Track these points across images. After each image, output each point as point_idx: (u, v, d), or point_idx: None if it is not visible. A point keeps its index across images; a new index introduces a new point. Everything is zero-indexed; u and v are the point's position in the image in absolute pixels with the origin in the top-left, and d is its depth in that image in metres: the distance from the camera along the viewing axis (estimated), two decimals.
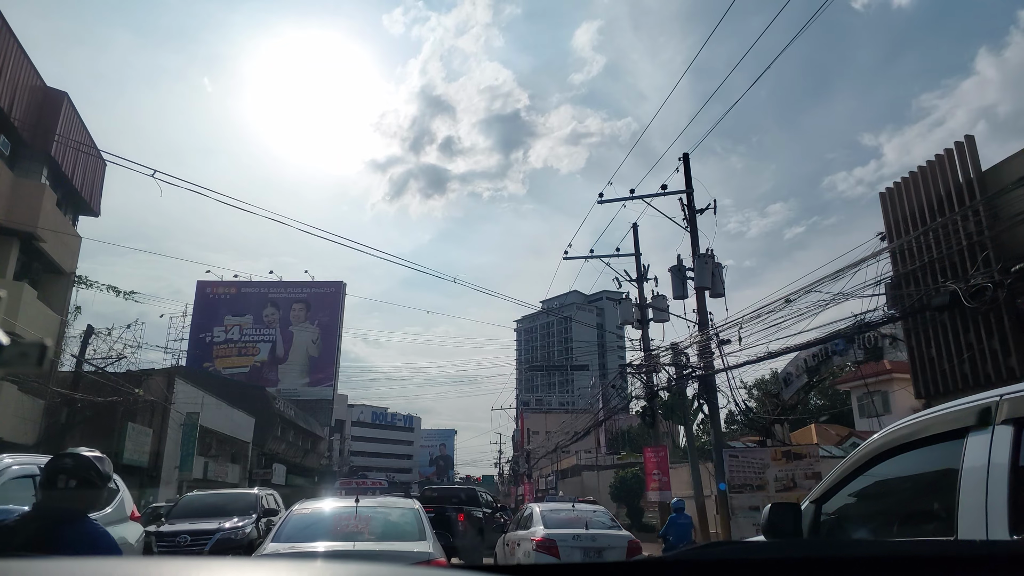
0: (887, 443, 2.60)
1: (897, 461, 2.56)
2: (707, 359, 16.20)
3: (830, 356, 13.65)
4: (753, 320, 13.52)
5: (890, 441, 2.59)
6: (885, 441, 2.62)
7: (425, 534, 6.60)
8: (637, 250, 22.32)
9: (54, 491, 2.69)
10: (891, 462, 2.59)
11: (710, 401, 16.40)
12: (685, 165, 18.70)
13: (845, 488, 2.87)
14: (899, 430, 2.59)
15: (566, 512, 11.65)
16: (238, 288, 63.10)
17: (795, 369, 15.10)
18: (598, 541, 10.16)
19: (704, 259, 17.16)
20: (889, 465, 2.61)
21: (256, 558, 4.08)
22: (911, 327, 10.39)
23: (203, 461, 30.07)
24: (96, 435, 22.22)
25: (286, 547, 6.00)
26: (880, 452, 2.62)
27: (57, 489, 2.68)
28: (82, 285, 21.08)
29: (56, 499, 2.71)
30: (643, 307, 21.73)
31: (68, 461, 2.75)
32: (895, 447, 2.55)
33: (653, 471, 20.45)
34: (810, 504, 2.94)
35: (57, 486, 2.68)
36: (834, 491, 2.90)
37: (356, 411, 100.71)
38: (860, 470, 2.77)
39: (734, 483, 15.98)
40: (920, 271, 9.94)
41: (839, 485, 2.86)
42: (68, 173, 19.76)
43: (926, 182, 10.73)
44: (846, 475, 2.83)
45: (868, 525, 2.96)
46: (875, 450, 2.65)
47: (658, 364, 19.57)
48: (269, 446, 41.60)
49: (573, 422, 40.49)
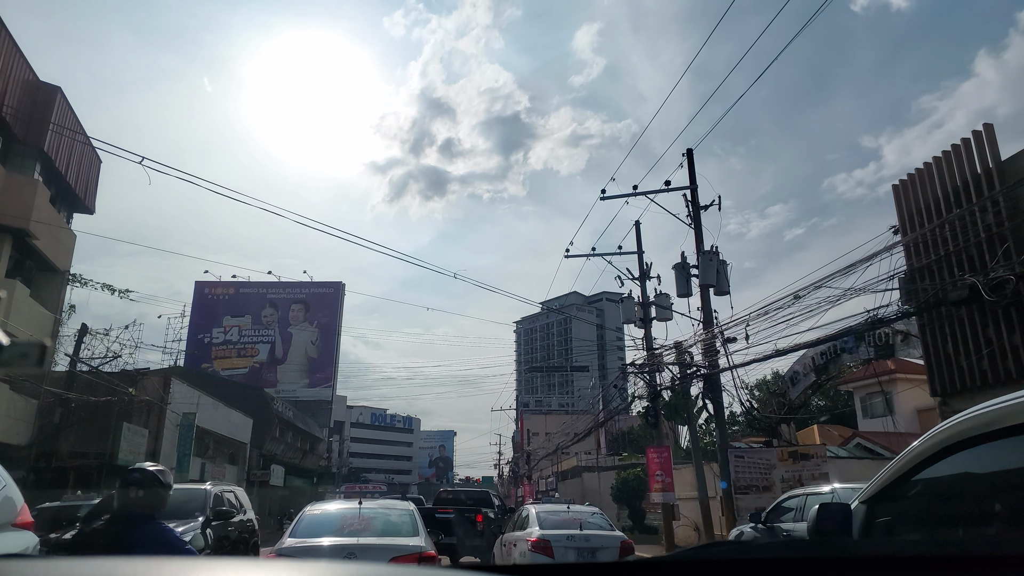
0: (955, 435, 2.25)
1: (969, 455, 2.22)
2: (712, 357, 15.89)
3: (839, 354, 13.34)
4: (760, 317, 13.22)
5: (960, 432, 2.24)
6: (953, 433, 2.26)
7: (419, 531, 7.55)
8: (639, 248, 22.01)
9: (127, 499, 3.42)
10: (961, 456, 2.25)
11: (715, 400, 16.10)
12: (689, 161, 18.40)
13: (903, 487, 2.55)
14: (971, 419, 2.22)
15: (562, 513, 11.85)
16: (236, 289, 62.75)
17: (802, 368, 14.79)
18: (591, 541, 10.39)
19: (709, 256, 16.86)
20: (958, 460, 2.28)
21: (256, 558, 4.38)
22: (926, 323, 10.06)
23: (200, 462, 29.73)
24: (91, 436, 21.90)
25: (300, 542, 7.13)
26: (947, 445, 2.28)
27: (129, 498, 3.41)
28: (77, 283, 20.79)
29: (129, 505, 3.43)
30: (645, 305, 21.41)
31: (137, 475, 3.46)
32: (966, 439, 2.21)
33: (656, 472, 20.12)
34: (860, 505, 2.69)
35: (129, 495, 3.40)
36: (890, 490, 2.60)
37: (355, 412, 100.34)
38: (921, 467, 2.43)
39: (740, 484, 15.68)
40: (936, 265, 9.62)
41: (895, 484, 2.56)
42: (62, 169, 19.43)
43: (941, 173, 10.41)
44: (904, 472, 2.50)
45: (932, 529, 2.63)
46: (940, 443, 2.30)
47: (661, 363, 19.26)
48: (267, 447, 41.24)
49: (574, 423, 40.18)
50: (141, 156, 9.48)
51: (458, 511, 16.10)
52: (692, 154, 18.41)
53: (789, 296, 12.23)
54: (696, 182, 18.06)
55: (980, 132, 9.73)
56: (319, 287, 63.63)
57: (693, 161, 18.34)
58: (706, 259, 16.79)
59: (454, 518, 15.59)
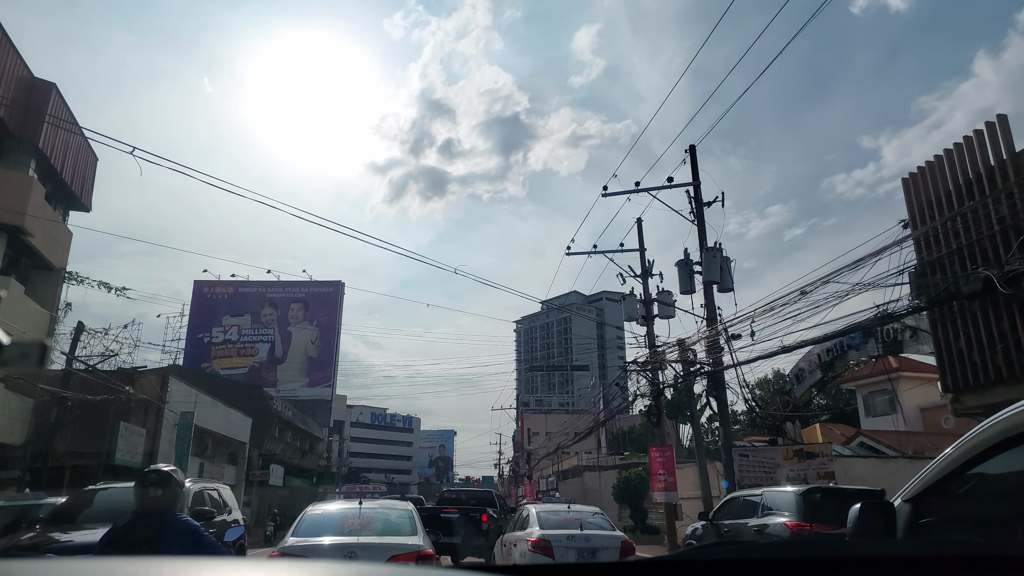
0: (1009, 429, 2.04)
1: None
2: (716, 355, 15.68)
3: (845, 351, 13.12)
4: (766, 313, 13.00)
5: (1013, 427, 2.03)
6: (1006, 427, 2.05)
7: (417, 530, 7.73)
8: (641, 245, 21.79)
9: (147, 498, 3.72)
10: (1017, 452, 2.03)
11: (719, 398, 15.89)
12: (692, 158, 18.19)
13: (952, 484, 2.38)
14: None
15: (562, 513, 11.71)
16: (235, 288, 62.53)
17: (807, 365, 14.57)
18: (592, 541, 10.32)
19: (712, 252, 16.65)
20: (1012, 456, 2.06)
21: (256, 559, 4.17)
22: (938, 317, 9.84)
23: (199, 462, 29.51)
24: (87, 435, 21.67)
25: (302, 540, 7.26)
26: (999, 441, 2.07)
27: (148, 496, 3.72)
28: (73, 281, 20.57)
29: (150, 503, 3.73)
30: (648, 303, 21.19)
31: (154, 475, 3.78)
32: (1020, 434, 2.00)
33: (659, 471, 19.90)
34: (903, 503, 2.58)
35: (148, 494, 3.71)
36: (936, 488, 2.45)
37: (355, 412, 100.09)
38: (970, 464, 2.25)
39: (744, 483, 15.47)
40: (948, 258, 9.41)
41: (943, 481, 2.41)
42: (57, 166, 19.20)
43: (952, 166, 10.19)
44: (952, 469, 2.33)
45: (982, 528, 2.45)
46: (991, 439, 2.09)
47: (664, 361, 19.04)
48: (267, 447, 40.99)
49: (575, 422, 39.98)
50: (132, 147, 9.27)
51: (462, 511, 15.99)
52: (695, 151, 18.20)
53: (795, 292, 12.02)
54: (699, 178, 17.86)
55: (993, 123, 9.51)
56: (318, 286, 63.39)
57: (696, 158, 18.13)
58: (709, 255, 16.58)
59: (459, 518, 15.45)
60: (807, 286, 11.86)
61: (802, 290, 11.86)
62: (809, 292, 11.78)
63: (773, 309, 12.73)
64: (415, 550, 7.10)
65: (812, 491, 10.62)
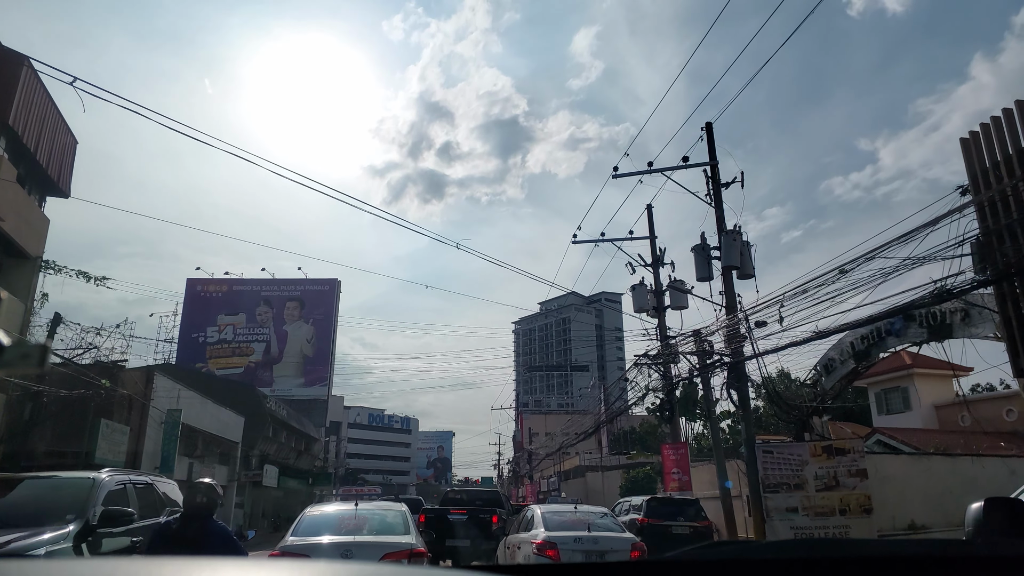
0: None
1: None
2: (738, 344, 14.55)
3: (884, 337, 12.00)
4: (797, 296, 11.88)
5: None
6: None
7: (410, 530, 8.16)
8: (652, 232, 20.72)
9: (195, 502, 5.25)
10: None
11: (741, 391, 14.75)
12: (708, 136, 17.07)
13: None
14: None
15: (568, 514, 11.27)
16: (230, 286, 61.31)
17: (838, 354, 13.44)
18: (600, 544, 9.89)
19: (732, 235, 15.52)
20: None
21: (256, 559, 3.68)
22: (1008, 292, 8.76)
23: (188, 462, 28.32)
24: (66, 433, 20.49)
25: (300, 540, 7.60)
26: None
27: (197, 502, 5.24)
28: (50, 270, 19.35)
29: (197, 508, 5.24)
30: (659, 293, 20.09)
31: (202, 486, 5.35)
32: None
33: (672, 469, 18.82)
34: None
35: (196, 500, 5.25)
36: None
37: (353, 413, 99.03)
38: None
39: (769, 481, 14.35)
40: (1019, 225, 8.32)
41: None
42: (31, 147, 18.01)
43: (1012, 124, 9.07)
44: None
45: None
46: None
47: (678, 353, 17.92)
48: (260, 447, 39.80)
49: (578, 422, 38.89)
50: (73, 77, 8.20)
51: (471, 512, 15.28)
52: (712, 128, 17.07)
53: (833, 271, 10.91)
54: (716, 158, 16.74)
55: None
56: (314, 284, 62.16)
57: (713, 136, 17.00)
58: (729, 239, 15.45)
59: (467, 520, 14.47)
60: (846, 264, 10.75)
61: (841, 268, 10.75)
62: (850, 271, 10.68)
63: (806, 291, 11.62)
64: (408, 548, 7.52)
65: (651, 500, 17.93)
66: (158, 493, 8.54)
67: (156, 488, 8.58)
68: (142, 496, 7.92)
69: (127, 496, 7.41)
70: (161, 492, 8.67)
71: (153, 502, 8.23)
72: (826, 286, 11.18)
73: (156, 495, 8.44)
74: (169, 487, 9.33)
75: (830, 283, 11.04)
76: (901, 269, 9.41)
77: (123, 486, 7.50)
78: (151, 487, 8.43)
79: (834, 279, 10.89)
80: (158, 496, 8.49)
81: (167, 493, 9.03)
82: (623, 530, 11.17)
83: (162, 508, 8.29)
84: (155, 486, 8.58)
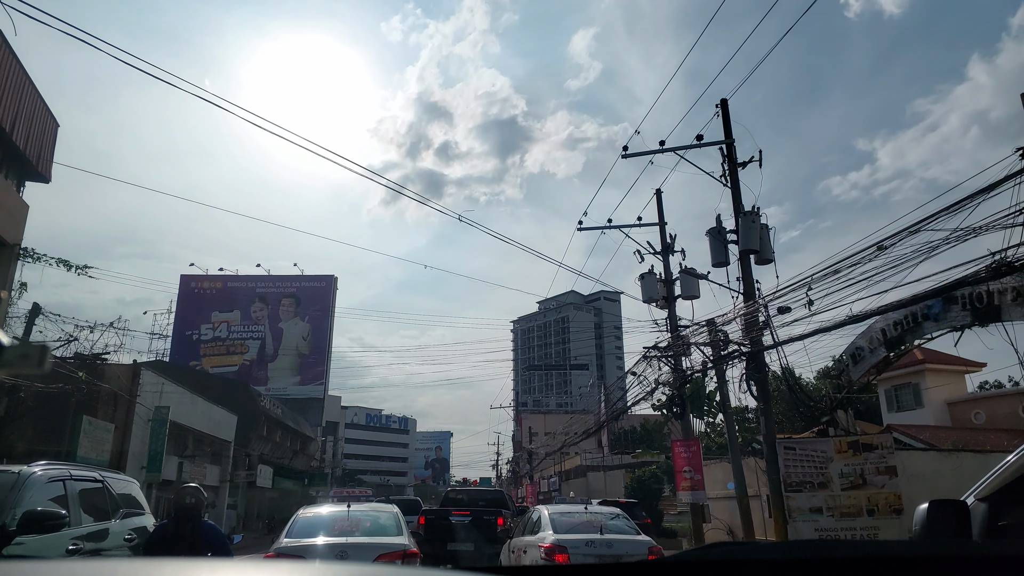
0: None
1: None
2: (758, 332, 13.62)
3: (920, 322, 11.07)
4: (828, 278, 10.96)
5: None
6: None
7: (402, 531, 8.23)
8: (661, 218, 19.76)
9: (184, 503, 5.56)
10: None
11: (761, 383, 13.82)
12: (723, 112, 16.15)
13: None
14: None
15: (578, 515, 10.53)
16: (224, 283, 60.30)
17: (867, 343, 12.51)
18: (615, 548, 9.26)
19: (751, 217, 14.57)
20: None
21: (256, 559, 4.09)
22: None
23: (177, 461, 27.34)
24: (46, 430, 19.54)
25: (295, 541, 7.62)
26: None
27: (186, 503, 5.55)
28: (28, 259, 18.36)
29: (188, 509, 5.55)
30: (669, 282, 19.14)
31: (191, 488, 5.70)
32: None
33: (684, 468, 17.83)
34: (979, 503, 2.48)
35: (186, 501, 5.56)
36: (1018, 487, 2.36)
37: (350, 413, 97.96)
38: None
39: (791, 480, 13.42)
40: None
41: None
42: (7, 128, 17.03)
43: None
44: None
45: None
46: None
47: (690, 344, 16.99)
48: (254, 446, 38.79)
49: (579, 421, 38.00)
50: None
51: (474, 514, 14.45)
52: (727, 105, 16.16)
53: (870, 248, 9.98)
54: (732, 136, 15.82)
55: None
56: (310, 280, 61.16)
57: (728, 113, 16.09)
58: (747, 221, 14.50)
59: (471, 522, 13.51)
60: (885, 240, 9.83)
61: (879, 244, 9.82)
62: (889, 247, 9.75)
63: (838, 272, 10.69)
64: (401, 549, 7.59)
65: None
66: (111, 492, 7.25)
67: (109, 486, 7.27)
68: (88, 496, 6.71)
69: (66, 496, 6.22)
70: (116, 492, 7.42)
71: (103, 503, 7.01)
72: (861, 265, 10.26)
73: (108, 495, 7.16)
74: (128, 486, 8.14)
75: (866, 261, 10.11)
76: (952, 240, 8.49)
77: (61, 482, 6.27)
78: (102, 485, 7.15)
79: (871, 256, 9.96)
80: (110, 496, 7.20)
81: (131, 494, 7.94)
82: (638, 532, 10.31)
83: (116, 510, 7.16)
84: (107, 484, 7.28)
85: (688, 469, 17.69)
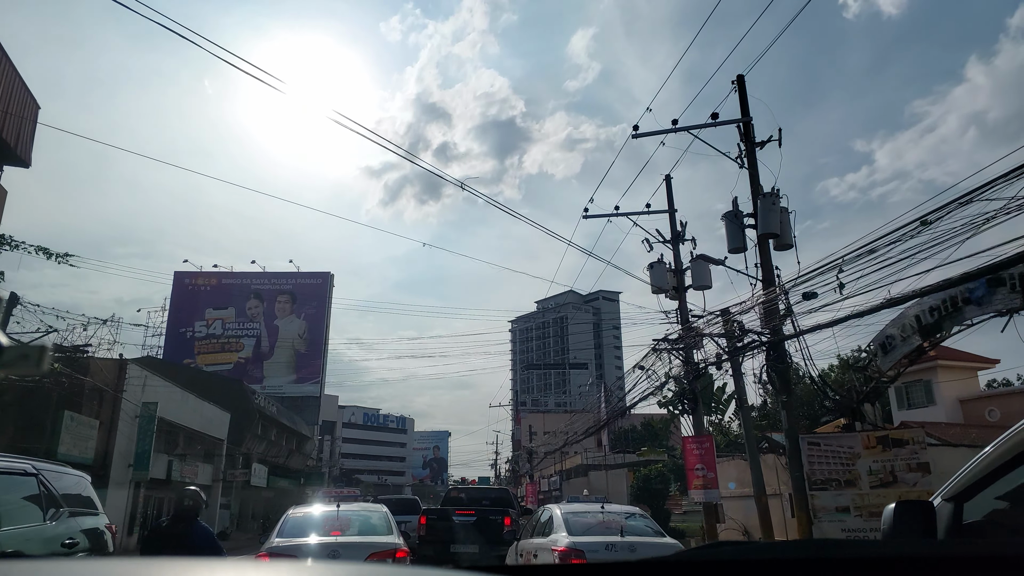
0: None
1: None
2: (779, 320, 12.76)
3: (961, 307, 10.21)
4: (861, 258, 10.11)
5: None
6: None
7: (392, 530, 8.34)
8: (671, 205, 18.89)
9: (183, 505, 6.00)
10: None
11: (783, 376, 12.96)
12: (740, 89, 15.28)
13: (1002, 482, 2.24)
14: None
15: (594, 515, 9.75)
16: (219, 279, 59.33)
17: (899, 331, 11.64)
18: (638, 552, 8.42)
19: (771, 199, 13.71)
20: None
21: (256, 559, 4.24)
22: None
23: (167, 459, 26.42)
24: (25, 426, 18.62)
25: (287, 541, 7.70)
26: None
27: (184, 505, 5.97)
28: (6, 247, 17.44)
29: (186, 510, 5.93)
30: (679, 271, 18.28)
31: (190, 491, 6.13)
32: None
33: (696, 466, 16.95)
34: (945, 503, 2.45)
35: (184, 503, 5.98)
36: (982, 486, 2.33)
37: (347, 412, 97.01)
38: None
39: (815, 478, 12.57)
40: None
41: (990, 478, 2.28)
42: None
43: None
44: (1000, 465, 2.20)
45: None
46: None
47: (703, 335, 16.13)
48: (248, 445, 37.85)
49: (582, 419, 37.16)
50: None
51: (478, 513, 13.79)
52: (744, 82, 15.30)
53: (912, 223, 9.13)
54: (749, 113, 14.97)
55: None
56: (306, 277, 60.21)
57: (745, 91, 15.23)
58: (767, 203, 13.63)
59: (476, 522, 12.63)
60: (928, 215, 8.98)
61: (923, 220, 8.97)
62: (933, 222, 8.90)
63: (874, 251, 9.84)
64: (393, 548, 7.68)
65: None
66: (46, 487, 6.17)
67: (43, 480, 6.19)
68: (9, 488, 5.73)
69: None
70: (56, 488, 6.33)
71: (36, 499, 5.97)
72: (901, 243, 9.41)
73: (42, 489, 6.09)
74: (77, 482, 7.11)
75: (907, 239, 9.26)
76: (1011, 210, 7.64)
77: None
78: (35, 479, 6.08)
79: (914, 232, 9.11)
80: (45, 491, 6.12)
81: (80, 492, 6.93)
82: (662, 534, 9.40)
83: (50, 507, 6.11)
84: (43, 478, 6.19)
85: (700, 467, 16.81)
